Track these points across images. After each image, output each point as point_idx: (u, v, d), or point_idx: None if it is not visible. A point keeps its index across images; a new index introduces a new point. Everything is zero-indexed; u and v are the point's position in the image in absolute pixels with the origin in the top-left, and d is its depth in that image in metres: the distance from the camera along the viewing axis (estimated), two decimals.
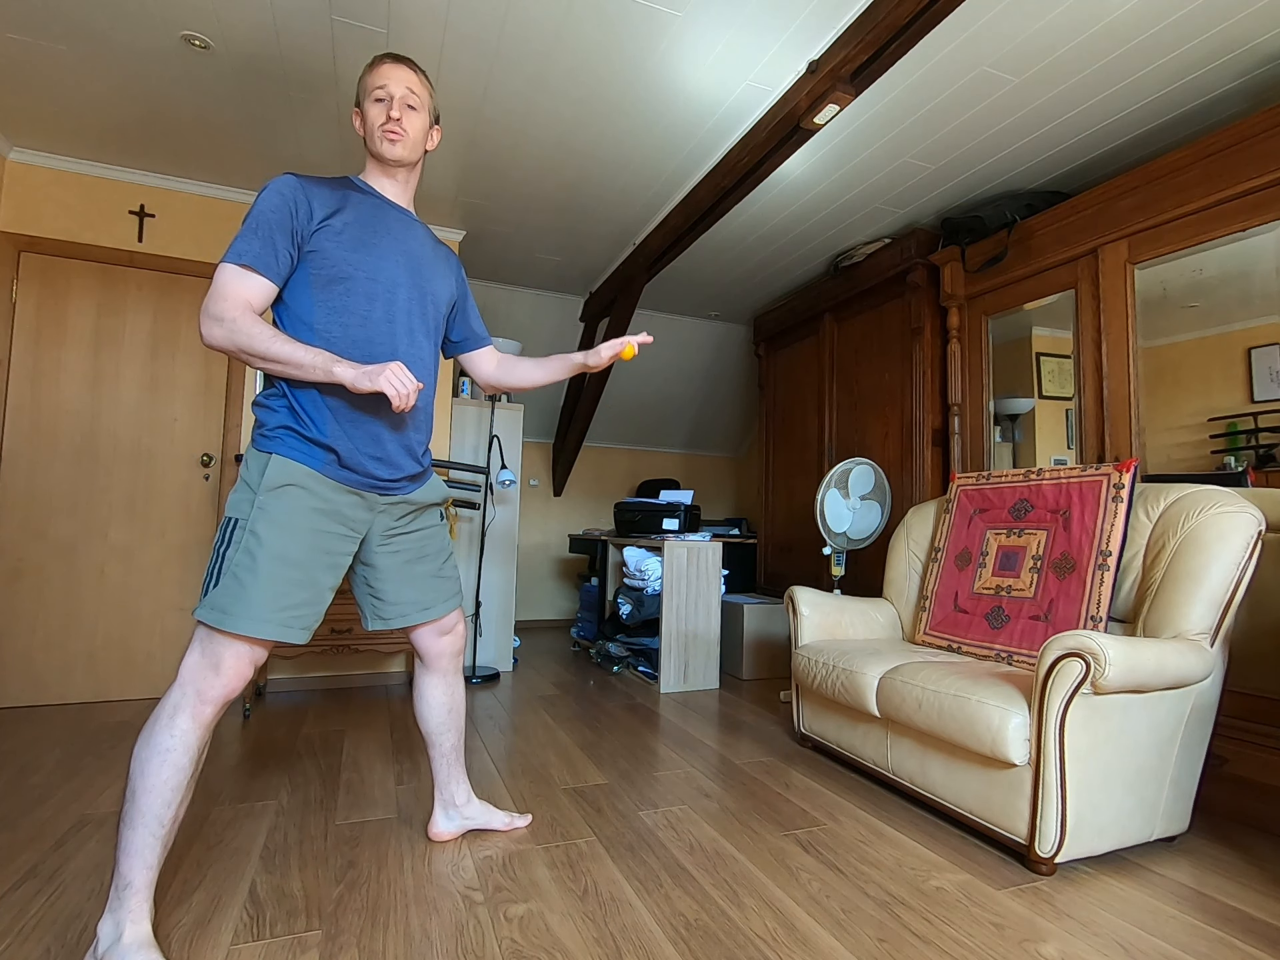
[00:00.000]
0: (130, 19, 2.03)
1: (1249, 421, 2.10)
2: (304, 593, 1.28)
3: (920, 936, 1.31)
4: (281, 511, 1.25)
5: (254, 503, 1.24)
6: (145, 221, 2.99)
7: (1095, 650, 1.48)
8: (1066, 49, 2.08)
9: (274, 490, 1.25)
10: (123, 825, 1.16)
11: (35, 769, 2.08)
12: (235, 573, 1.22)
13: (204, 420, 3.08)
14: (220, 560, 1.23)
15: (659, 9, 1.96)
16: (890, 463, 3.37)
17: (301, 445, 1.29)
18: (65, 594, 2.85)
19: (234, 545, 1.23)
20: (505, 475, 3.53)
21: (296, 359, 1.21)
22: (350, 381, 1.21)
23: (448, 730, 1.67)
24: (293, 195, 1.29)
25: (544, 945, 1.26)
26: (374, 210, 1.40)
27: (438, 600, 1.56)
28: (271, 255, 1.25)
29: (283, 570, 1.25)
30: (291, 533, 1.26)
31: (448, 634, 1.62)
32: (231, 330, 1.19)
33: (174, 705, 1.20)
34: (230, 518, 1.26)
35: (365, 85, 1.42)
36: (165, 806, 1.16)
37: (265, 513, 1.24)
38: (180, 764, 1.18)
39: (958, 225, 3.01)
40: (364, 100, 1.42)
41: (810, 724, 2.40)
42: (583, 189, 3.03)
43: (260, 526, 1.23)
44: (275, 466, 1.26)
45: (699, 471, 5.83)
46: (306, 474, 1.28)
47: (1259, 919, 1.40)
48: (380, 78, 1.40)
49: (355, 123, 1.46)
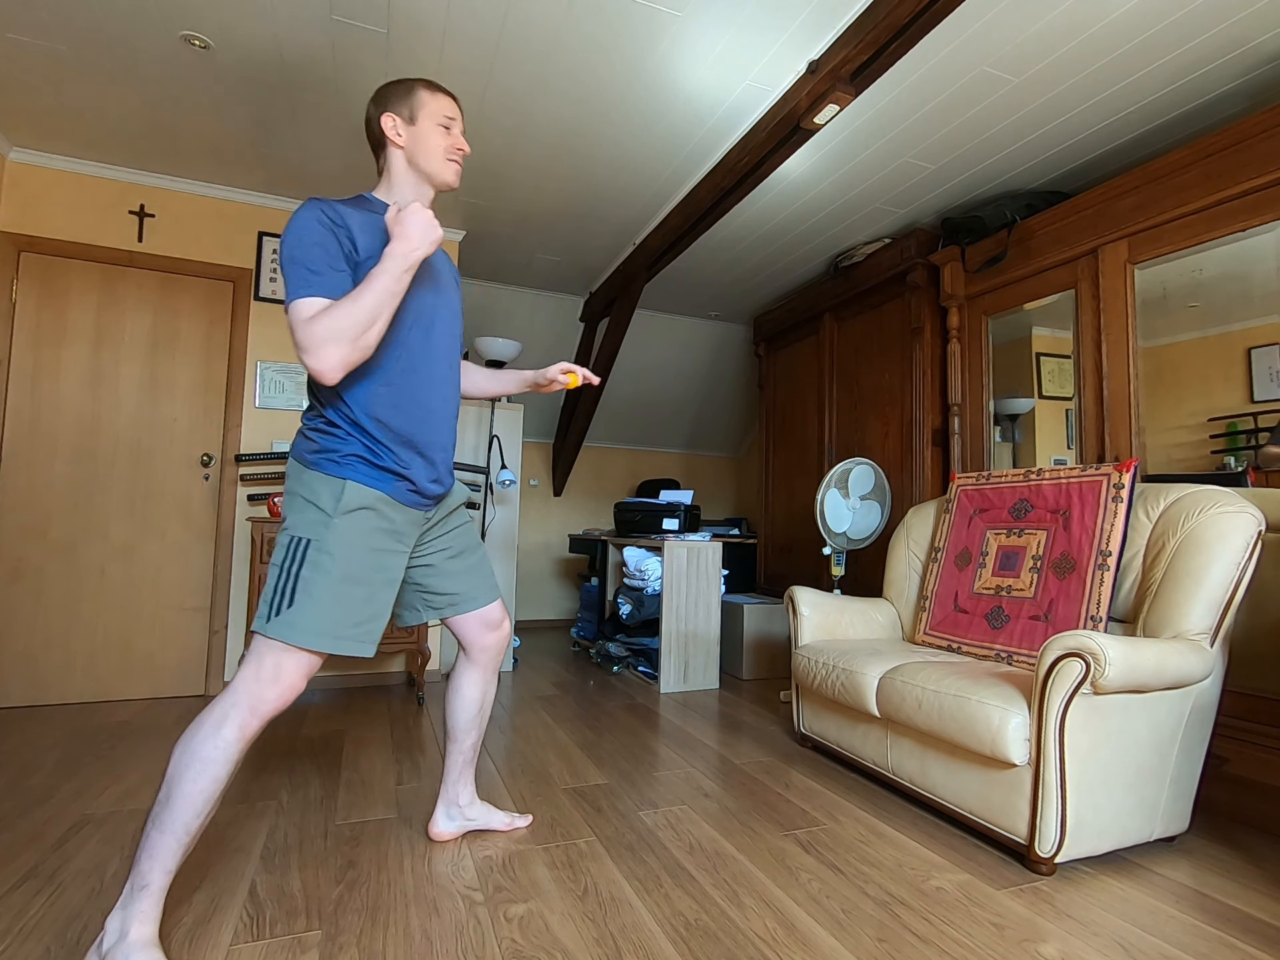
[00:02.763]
0: (130, 19, 2.03)
1: (1249, 421, 2.10)
2: (370, 608, 1.34)
3: (920, 936, 1.31)
4: (355, 533, 1.30)
5: (328, 525, 1.28)
6: (145, 221, 2.99)
7: (1095, 650, 1.48)
8: (1066, 49, 2.08)
9: (349, 514, 1.30)
10: (151, 826, 1.16)
11: (35, 769, 2.08)
12: (311, 591, 1.26)
13: (204, 420, 3.08)
14: (293, 580, 1.26)
15: (659, 9, 1.96)
16: (890, 463, 3.37)
17: (373, 472, 1.33)
18: (65, 594, 2.85)
19: (308, 565, 1.26)
20: (505, 475, 3.53)
21: (384, 288, 1.21)
22: (427, 253, 1.25)
23: (473, 729, 1.68)
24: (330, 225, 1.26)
25: (544, 945, 1.26)
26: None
27: (482, 590, 1.63)
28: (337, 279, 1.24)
29: (354, 589, 1.30)
30: (361, 553, 1.32)
31: (496, 629, 1.66)
32: (336, 335, 1.17)
33: (222, 715, 1.21)
34: (301, 538, 1.28)
35: (427, 105, 1.40)
36: (196, 816, 1.18)
37: (340, 534, 1.29)
38: (219, 775, 1.19)
39: (958, 225, 3.01)
40: (422, 118, 1.40)
41: (810, 724, 2.40)
42: (583, 189, 3.03)
43: (335, 547, 1.28)
44: (351, 492, 1.30)
45: (699, 471, 5.83)
46: (378, 498, 1.34)
47: (1259, 919, 1.40)
48: (449, 108, 1.43)
49: (386, 125, 1.39)
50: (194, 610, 3.04)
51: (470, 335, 4.47)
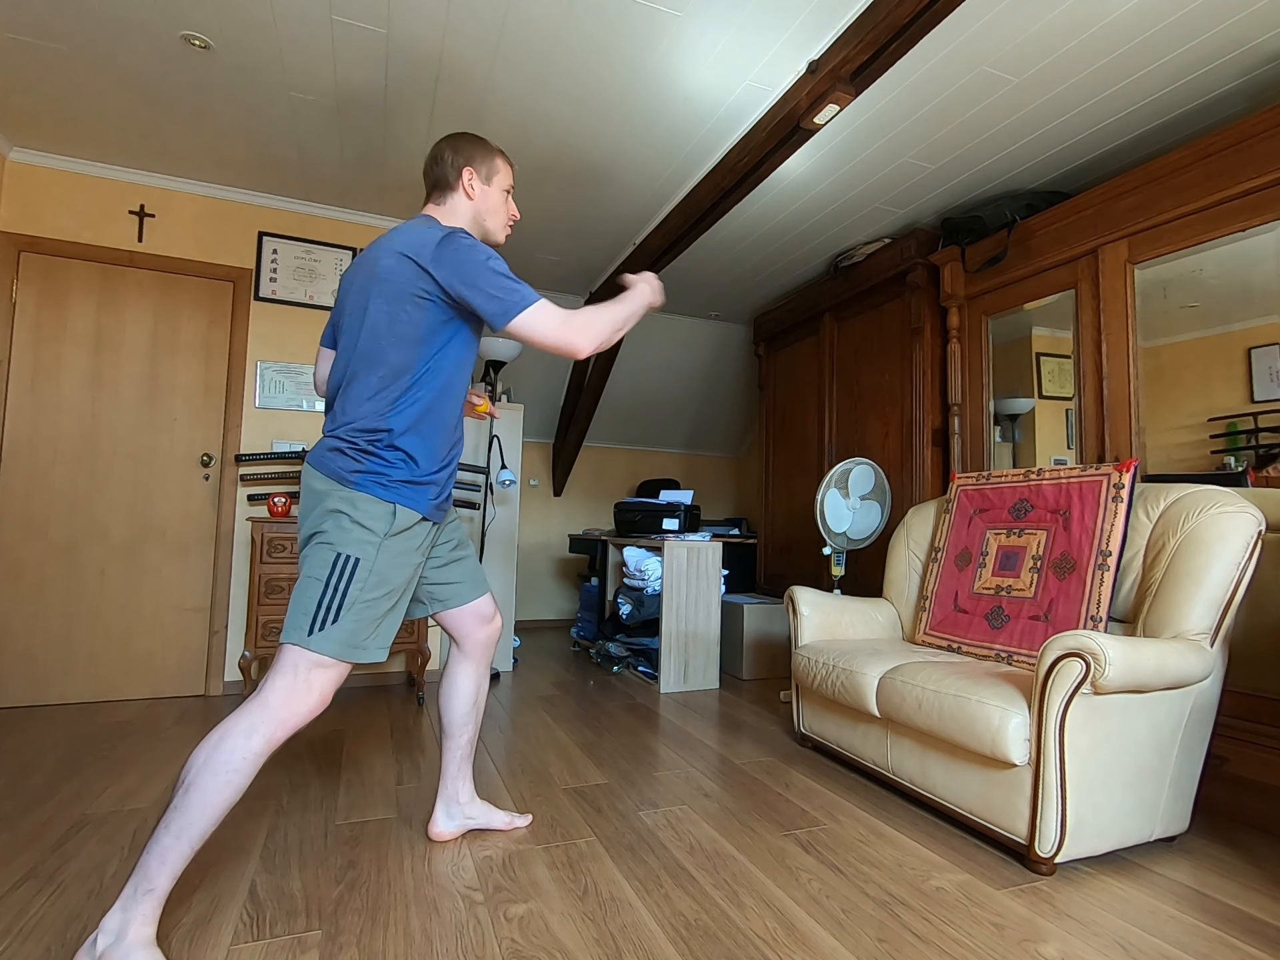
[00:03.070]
0: (130, 19, 2.03)
1: (1249, 421, 2.10)
2: (394, 617, 1.41)
3: (920, 936, 1.31)
4: (398, 553, 1.38)
5: (378, 546, 1.34)
6: (145, 221, 2.99)
7: (1095, 650, 1.48)
8: (1066, 49, 2.08)
9: (397, 535, 1.37)
10: (163, 831, 1.15)
11: (35, 769, 2.08)
12: (356, 609, 1.31)
13: (204, 420, 3.08)
14: (340, 596, 1.30)
15: (659, 9, 1.96)
16: (890, 463, 3.37)
17: (416, 495, 1.40)
18: (65, 594, 2.85)
19: (357, 583, 1.31)
20: (505, 475, 3.53)
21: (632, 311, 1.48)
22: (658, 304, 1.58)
23: (468, 724, 1.70)
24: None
25: (544, 945, 1.26)
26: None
27: (478, 580, 1.70)
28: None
29: (388, 602, 1.37)
30: (400, 570, 1.39)
31: (489, 622, 1.70)
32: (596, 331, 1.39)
33: (251, 726, 1.22)
34: (349, 555, 1.31)
35: (501, 172, 1.57)
36: (212, 823, 1.19)
37: (387, 555, 1.35)
38: (240, 785, 1.20)
39: (958, 225, 3.01)
40: (495, 184, 1.56)
41: (810, 724, 2.40)
42: (583, 189, 3.03)
43: (382, 567, 1.35)
44: (402, 516, 1.37)
45: (699, 471, 5.83)
46: (418, 519, 1.41)
47: (1259, 919, 1.40)
48: (510, 178, 1.60)
49: (466, 178, 1.52)
50: (194, 610, 3.04)
51: None
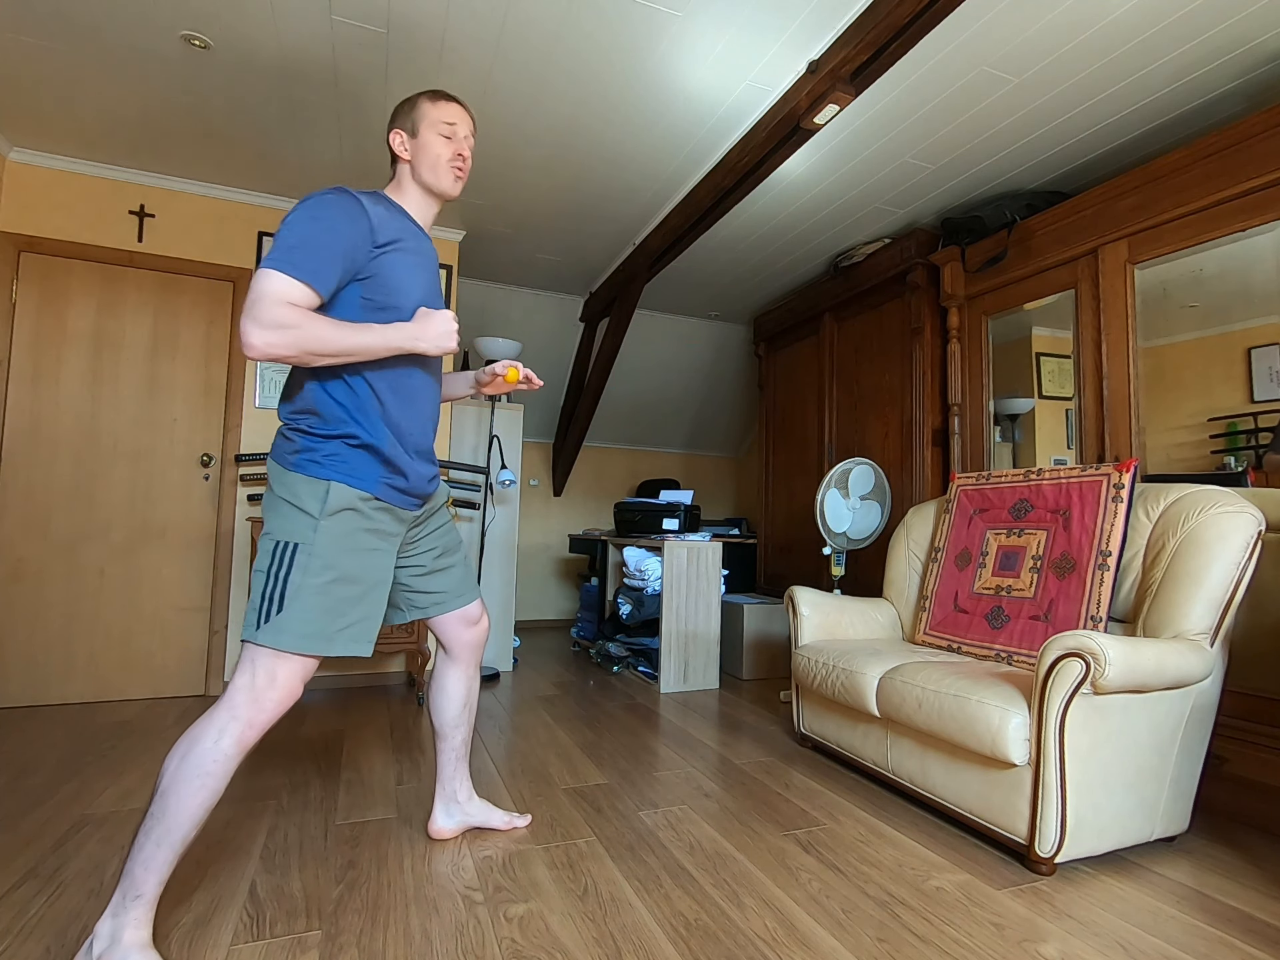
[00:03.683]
0: (130, 19, 2.03)
1: (1249, 421, 2.10)
2: (364, 608, 1.33)
3: (920, 936, 1.31)
4: (341, 535, 1.29)
5: (315, 528, 1.26)
6: (145, 221, 2.99)
7: (1095, 650, 1.48)
8: (1066, 49, 2.08)
9: (334, 515, 1.28)
10: (144, 838, 1.15)
11: (35, 769, 2.08)
12: (301, 596, 1.24)
13: (204, 420, 3.08)
14: (281, 585, 1.24)
15: (659, 9, 1.96)
16: (890, 463, 3.37)
17: (356, 471, 1.31)
18: (65, 594, 2.85)
19: (297, 569, 1.25)
20: (505, 475, 3.53)
21: (371, 348, 1.25)
22: (430, 351, 1.31)
23: (460, 725, 1.69)
24: (355, 214, 1.27)
25: (544, 945, 1.26)
26: (417, 240, 1.42)
27: (465, 589, 1.64)
28: (330, 273, 1.24)
29: (346, 589, 1.30)
30: (350, 553, 1.30)
31: (475, 624, 1.67)
32: (298, 337, 1.16)
33: (220, 727, 1.20)
34: (286, 542, 1.26)
35: (428, 116, 1.42)
36: (194, 828, 1.18)
37: (327, 536, 1.27)
38: (217, 788, 1.19)
39: (958, 225, 3.01)
40: (423, 129, 1.42)
41: (810, 724, 2.40)
42: (583, 189, 3.03)
43: (322, 550, 1.27)
44: (336, 493, 1.29)
45: (699, 471, 5.83)
46: (359, 498, 1.32)
47: (1259, 919, 1.40)
48: (451, 114, 1.44)
49: (395, 142, 1.44)
50: (194, 610, 3.04)
51: (470, 335, 4.47)
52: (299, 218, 1.23)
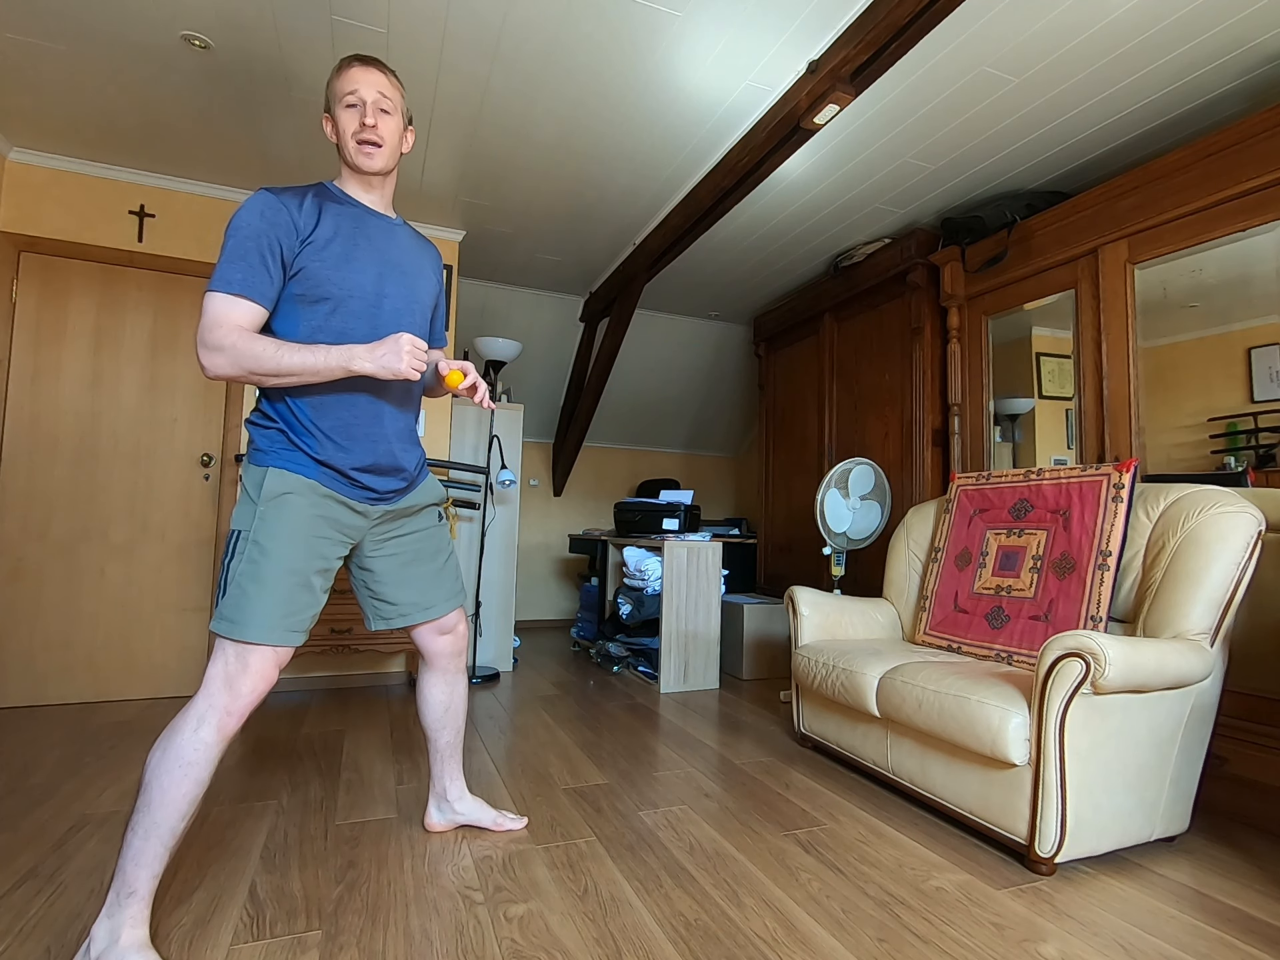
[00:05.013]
0: (130, 19, 2.03)
1: (1249, 421, 2.10)
2: (305, 596, 1.30)
3: (920, 936, 1.31)
4: (282, 520, 1.28)
5: (254, 514, 1.27)
6: (145, 221, 2.99)
7: (1095, 650, 1.48)
8: (1066, 49, 2.08)
9: (273, 500, 1.28)
10: (132, 834, 1.15)
11: (35, 769, 2.08)
12: (241, 583, 1.25)
13: (204, 420, 3.08)
14: (226, 572, 1.26)
15: (659, 9, 1.96)
16: (890, 463, 3.37)
17: (295, 456, 1.32)
18: (65, 594, 2.85)
19: (238, 556, 1.26)
20: (505, 475, 3.53)
21: (311, 366, 1.23)
22: (374, 372, 1.25)
23: (444, 727, 1.69)
24: (274, 214, 1.25)
25: (544, 945, 1.26)
26: (354, 222, 1.37)
27: (438, 600, 1.58)
28: (261, 279, 1.24)
29: (286, 577, 1.27)
30: (291, 540, 1.28)
31: (448, 634, 1.64)
32: (235, 356, 1.19)
33: (199, 716, 1.20)
34: (234, 530, 1.28)
35: (334, 90, 1.36)
36: (181, 819, 1.18)
37: (266, 522, 1.27)
38: (201, 778, 1.19)
39: (958, 225, 3.01)
40: (334, 106, 1.37)
41: (810, 724, 2.40)
42: (583, 189, 3.03)
43: (262, 536, 1.26)
44: (273, 478, 1.28)
45: (699, 471, 5.83)
46: (302, 483, 1.31)
47: (1259, 919, 1.40)
48: (350, 82, 1.34)
49: (326, 129, 1.41)
50: (194, 610, 3.04)
51: (470, 335, 4.47)
52: (227, 233, 1.25)
